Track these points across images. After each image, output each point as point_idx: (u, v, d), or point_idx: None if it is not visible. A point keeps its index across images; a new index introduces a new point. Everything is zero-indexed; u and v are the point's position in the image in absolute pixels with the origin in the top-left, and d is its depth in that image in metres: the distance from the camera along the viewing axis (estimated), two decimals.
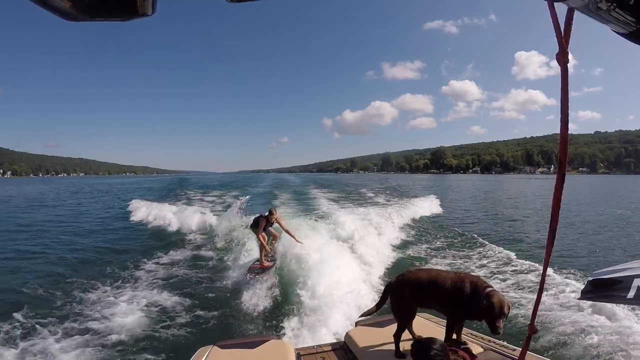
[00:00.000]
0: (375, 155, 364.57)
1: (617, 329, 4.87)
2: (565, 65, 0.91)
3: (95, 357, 4.71)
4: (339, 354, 3.39)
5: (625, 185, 59.25)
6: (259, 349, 3.15)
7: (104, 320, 5.67)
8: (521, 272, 7.88)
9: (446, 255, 9.94)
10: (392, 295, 2.89)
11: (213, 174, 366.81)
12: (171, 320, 5.86)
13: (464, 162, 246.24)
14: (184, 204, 20.97)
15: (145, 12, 0.49)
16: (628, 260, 2.07)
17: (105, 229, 14.79)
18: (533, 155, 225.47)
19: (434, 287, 2.69)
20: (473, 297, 2.51)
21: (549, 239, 1.24)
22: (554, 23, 0.84)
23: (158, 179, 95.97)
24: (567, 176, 1.12)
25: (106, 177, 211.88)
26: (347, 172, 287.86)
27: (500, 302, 2.40)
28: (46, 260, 9.54)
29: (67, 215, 19.92)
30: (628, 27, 0.54)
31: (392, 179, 79.74)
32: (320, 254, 7.45)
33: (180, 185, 42.60)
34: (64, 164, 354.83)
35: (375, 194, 29.55)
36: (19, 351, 4.77)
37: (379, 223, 12.29)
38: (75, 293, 6.81)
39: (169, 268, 8.58)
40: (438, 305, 2.77)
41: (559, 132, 1.02)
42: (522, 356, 1.75)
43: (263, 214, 7.89)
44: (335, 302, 5.63)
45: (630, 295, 1.72)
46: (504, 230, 14.53)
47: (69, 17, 0.47)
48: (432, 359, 2.03)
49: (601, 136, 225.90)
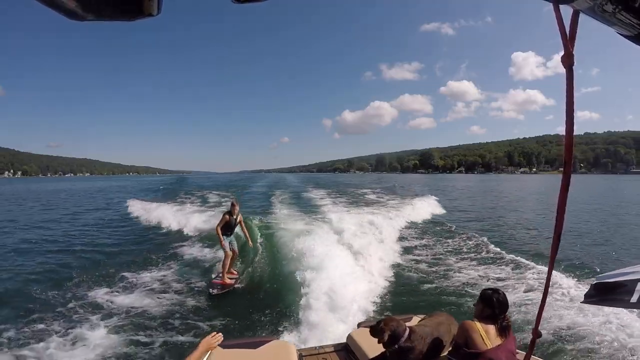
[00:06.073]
0: (371, 156, 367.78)
1: (622, 334, 4.86)
2: (571, 68, 0.90)
3: (96, 357, 4.70)
4: (341, 355, 3.40)
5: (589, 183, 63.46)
6: (261, 349, 3.15)
7: (104, 321, 5.65)
8: (525, 275, 7.83)
9: (447, 256, 9.92)
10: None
11: (214, 174, 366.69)
12: (172, 319, 5.84)
13: (450, 162, 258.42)
14: (184, 204, 20.91)
15: (151, 12, 0.50)
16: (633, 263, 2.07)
17: (105, 229, 14.76)
18: (514, 156, 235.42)
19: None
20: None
21: (554, 243, 1.23)
22: (559, 25, 0.83)
23: (159, 179, 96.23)
24: (548, 176, 1.11)
25: (116, 178, 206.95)
26: (344, 172, 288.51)
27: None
28: (47, 260, 9.54)
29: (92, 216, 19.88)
30: (633, 29, 0.54)
31: (384, 178, 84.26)
32: (320, 255, 7.45)
33: (180, 185, 42.65)
34: (70, 164, 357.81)
35: (372, 193, 29.53)
36: (18, 354, 4.75)
37: (379, 223, 12.30)
38: (73, 294, 6.78)
39: (169, 268, 8.56)
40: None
41: (564, 135, 1.00)
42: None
43: (227, 210, 7.41)
44: (337, 303, 5.63)
45: (634, 299, 1.72)
46: (503, 229, 14.51)
47: (75, 17, 0.47)
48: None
49: (589, 137, 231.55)
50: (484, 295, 2.51)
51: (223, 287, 6.81)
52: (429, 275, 8.13)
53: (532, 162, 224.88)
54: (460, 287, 7.25)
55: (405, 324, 2.71)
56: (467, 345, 2.37)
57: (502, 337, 2.40)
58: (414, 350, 2.62)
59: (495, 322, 2.43)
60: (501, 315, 2.43)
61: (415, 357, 2.63)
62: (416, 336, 2.66)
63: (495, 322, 2.43)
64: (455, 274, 8.15)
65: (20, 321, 5.59)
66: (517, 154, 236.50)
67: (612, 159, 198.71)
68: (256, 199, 25.85)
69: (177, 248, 10.49)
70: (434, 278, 7.94)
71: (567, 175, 1.04)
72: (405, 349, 2.61)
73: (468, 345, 2.37)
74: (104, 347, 4.91)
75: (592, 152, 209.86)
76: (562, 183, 1.06)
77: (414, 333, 2.67)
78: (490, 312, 2.44)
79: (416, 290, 7.24)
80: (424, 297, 6.89)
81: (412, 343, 2.62)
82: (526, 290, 6.88)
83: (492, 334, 2.38)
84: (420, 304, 6.36)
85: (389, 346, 2.66)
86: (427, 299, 6.74)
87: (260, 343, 3.24)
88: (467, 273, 8.17)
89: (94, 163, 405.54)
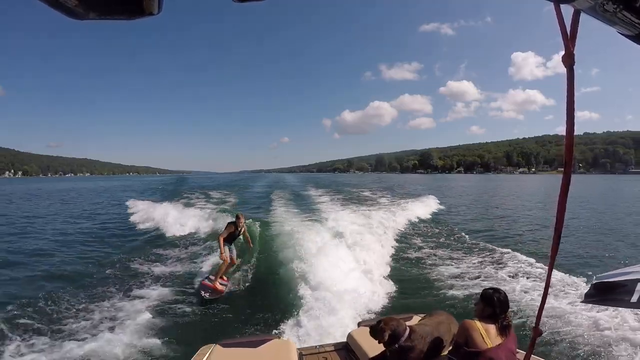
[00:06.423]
0: (371, 156, 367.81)
1: (622, 334, 4.87)
2: (571, 68, 0.90)
3: (97, 356, 4.70)
4: (341, 354, 3.40)
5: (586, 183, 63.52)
6: (261, 348, 3.15)
7: (105, 320, 5.66)
8: (525, 273, 7.85)
9: (447, 255, 9.93)
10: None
11: (214, 174, 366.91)
12: (173, 318, 5.86)
13: (449, 162, 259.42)
14: (183, 203, 20.89)
15: (152, 11, 0.50)
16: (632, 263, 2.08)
17: (104, 229, 14.77)
18: (513, 157, 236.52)
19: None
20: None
21: (554, 242, 1.24)
22: (560, 25, 0.83)
23: (159, 179, 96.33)
24: (547, 176, 1.11)
25: (117, 178, 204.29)
26: (344, 172, 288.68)
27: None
28: (49, 260, 9.54)
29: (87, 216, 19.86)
30: (634, 29, 0.54)
31: (384, 178, 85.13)
32: (320, 254, 7.45)
33: (181, 185, 42.73)
34: (70, 164, 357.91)
35: (373, 193, 29.55)
36: (19, 353, 4.76)
37: (379, 222, 12.31)
38: (73, 294, 6.78)
39: (169, 268, 8.56)
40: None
41: (565, 135, 1.00)
42: (527, 358, 1.77)
43: (231, 221, 7.56)
44: (337, 302, 5.63)
45: (634, 299, 1.73)
46: (503, 229, 14.54)
47: (76, 16, 0.47)
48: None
49: (588, 137, 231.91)
50: (484, 294, 2.52)
51: (213, 292, 6.76)
52: (429, 275, 8.14)
53: (531, 162, 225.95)
54: (461, 287, 7.25)
55: (405, 323, 2.72)
56: (468, 345, 2.38)
57: (503, 337, 2.40)
58: (414, 350, 2.63)
59: (496, 322, 2.43)
60: (502, 314, 2.44)
61: (416, 357, 2.64)
62: (416, 335, 2.67)
63: (496, 321, 2.43)
64: (455, 273, 8.16)
65: (21, 322, 5.59)
66: (516, 154, 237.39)
67: (611, 159, 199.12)
68: (256, 198, 25.87)
69: (177, 248, 10.50)
70: (434, 277, 7.95)
71: (568, 176, 1.03)
72: (406, 348, 2.61)
73: (468, 345, 2.38)
74: (109, 345, 4.90)
75: (590, 153, 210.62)
76: (562, 183, 1.05)
77: (414, 332, 2.68)
78: (490, 312, 2.45)
79: (416, 289, 7.24)
80: (424, 296, 6.90)
81: (412, 342, 2.63)
82: (527, 289, 6.88)
83: (492, 333, 2.39)
84: (420, 303, 6.36)
85: (389, 345, 2.66)
86: (428, 299, 6.75)
87: (260, 342, 3.24)
88: (467, 272, 8.17)
89: (94, 163, 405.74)
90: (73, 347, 4.83)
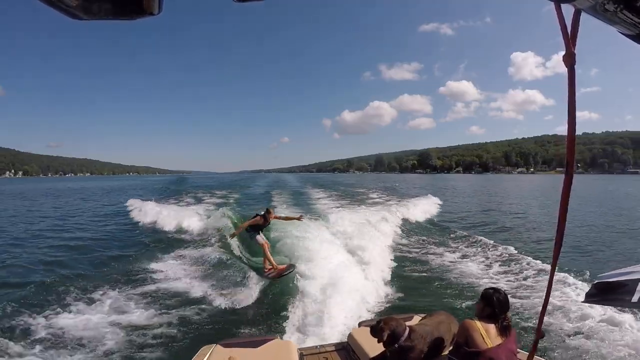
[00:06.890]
0: (370, 156, 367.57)
1: (623, 334, 4.87)
2: (572, 67, 0.89)
3: (98, 356, 4.70)
4: (341, 354, 3.40)
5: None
6: (262, 348, 3.16)
7: (106, 319, 5.65)
8: (526, 274, 7.84)
9: (447, 255, 9.93)
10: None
11: (215, 173, 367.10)
12: (174, 318, 5.84)
13: (448, 162, 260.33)
14: (183, 203, 20.90)
15: (152, 11, 0.50)
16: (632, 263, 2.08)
17: (104, 229, 14.76)
18: (512, 157, 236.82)
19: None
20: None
21: (557, 243, 1.23)
22: (560, 24, 0.82)
23: (159, 179, 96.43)
24: (545, 176, 1.09)
25: (117, 178, 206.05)
26: (343, 172, 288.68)
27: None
28: (50, 260, 9.53)
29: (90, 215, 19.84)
30: (634, 28, 0.54)
31: (383, 178, 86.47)
32: (320, 254, 7.45)
33: (181, 185, 42.82)
34: (70, 164, 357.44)
35: (374, 193, 29.57)
36: (20, 349, 4.75)
37: (378, 222, 12.31)
38: (75, 292, 6.76)
39: (170, 268, 8.55)
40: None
41: (566, 135, 0.99)
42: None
43: (259, 213, 7.74)
44: (337, 302, 5.63)
45: (635, 299, 1.72)
46: (503, 229, 14.53)
47: (76, 16, 0.47)
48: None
49: (587, 137, 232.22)
50: (484, 294, 2.52)
51: (282, 272, 7.04)
52: (429, 275, 8.14)
53: (530, 162, 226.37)
54: (461, 287, 7.26)
55: (405, 323, 2.72)
56: (468, 345, 2.38)
57: (503, 337, 2.40)
58: (414, 350, 2.63)
59: (496, 322, 2.43)
60: (502, 314, 2.44)
61: (416, 356, 2.64)
62: (416, 335, 2.67)
63: (496, 321, 2.44)
64: (455, 273, 8.16)
65: (21, 320, 5.58)
66: (515, 154, 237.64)
67: (609, 159, 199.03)
68: (256, 198, 25.88)
69: (177, 248, 10.49)
70: (434, 277, 7.95)
71: (570, 176, 1.01)
72: (406, 348, 2.61)
73: (468, 345, 2.38)
74: (110, 344, 4.91)
75: (589, 152, 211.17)
76: (564, 183, 1.04)
77: (414, 332, 2.68)
78: (490, 312, 2.45)
79: (416, 289, 7.24)
80: (424, 296, 6.90)
81: (412, 342, 2.63)
82: (528, 289, 6.89)
83: (492, 333, 2.39)
84: (420, 303, 6.36)
85: (389, 345, 2.67)
86: (428, 298, 6.75)
87: (261, 342, 3.25)
88: (467, 272, 8.17)
89: (94, 163, 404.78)
90: (73, 347, 4.82)
